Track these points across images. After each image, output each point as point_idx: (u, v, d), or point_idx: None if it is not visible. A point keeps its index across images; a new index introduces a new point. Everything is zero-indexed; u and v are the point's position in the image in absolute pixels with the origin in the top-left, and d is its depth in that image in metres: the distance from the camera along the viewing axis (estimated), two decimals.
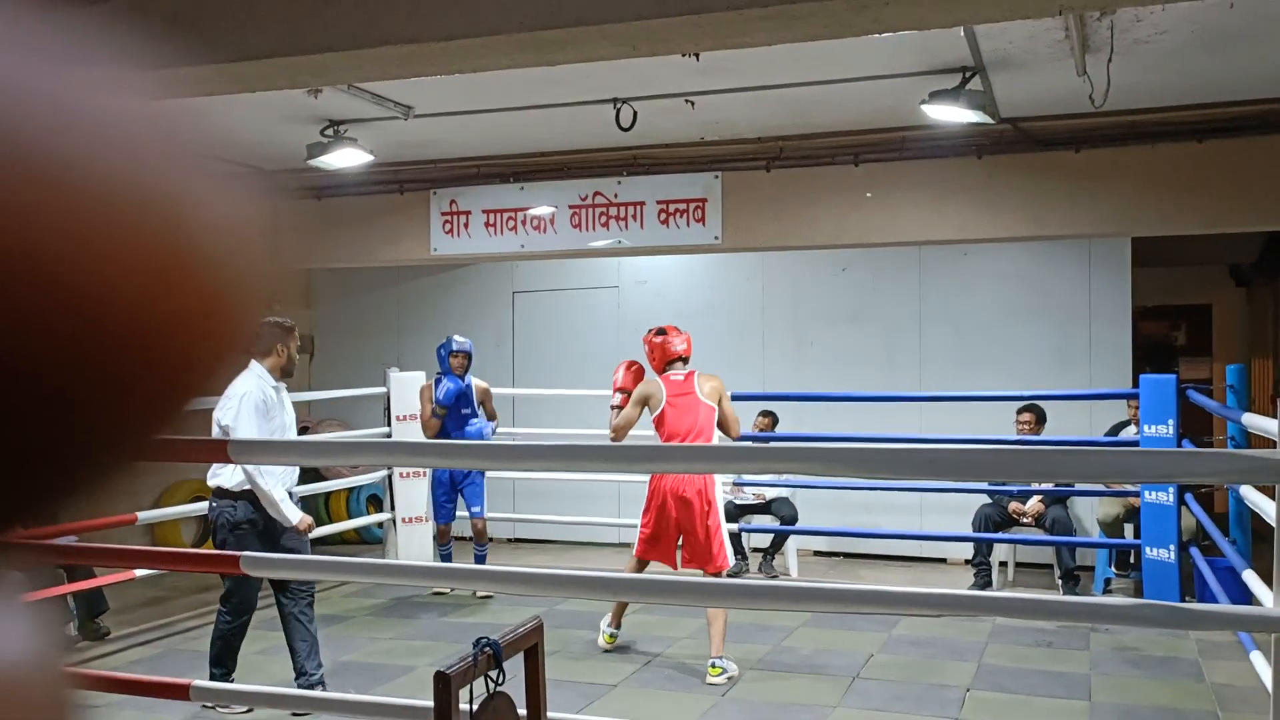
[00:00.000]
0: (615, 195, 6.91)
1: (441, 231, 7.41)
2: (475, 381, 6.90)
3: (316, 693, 4.06)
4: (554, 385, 8.43)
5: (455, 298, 9.25)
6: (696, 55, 4.50)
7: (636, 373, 5.54)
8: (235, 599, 4.69)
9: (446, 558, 7.01)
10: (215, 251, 0.30)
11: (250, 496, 4.51)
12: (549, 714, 2.71)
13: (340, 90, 5.25)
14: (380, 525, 8.08)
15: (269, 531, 4.53)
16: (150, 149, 0.29)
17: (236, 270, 0.30)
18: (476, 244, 7.35)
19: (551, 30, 2.83)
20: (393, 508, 7.81)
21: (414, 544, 7.78)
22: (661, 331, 5.46)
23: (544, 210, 7.08)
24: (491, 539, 7.61)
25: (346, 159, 6.27)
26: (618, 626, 5.77)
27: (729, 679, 5.10)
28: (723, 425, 5.30)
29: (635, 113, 5.64)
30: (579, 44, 2.90)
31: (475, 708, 2.34)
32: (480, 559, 7.00)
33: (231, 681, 4.63)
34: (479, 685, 2.42)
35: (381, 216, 7.43)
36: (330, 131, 6.12)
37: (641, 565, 5.52)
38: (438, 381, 6.83)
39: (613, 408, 5.48)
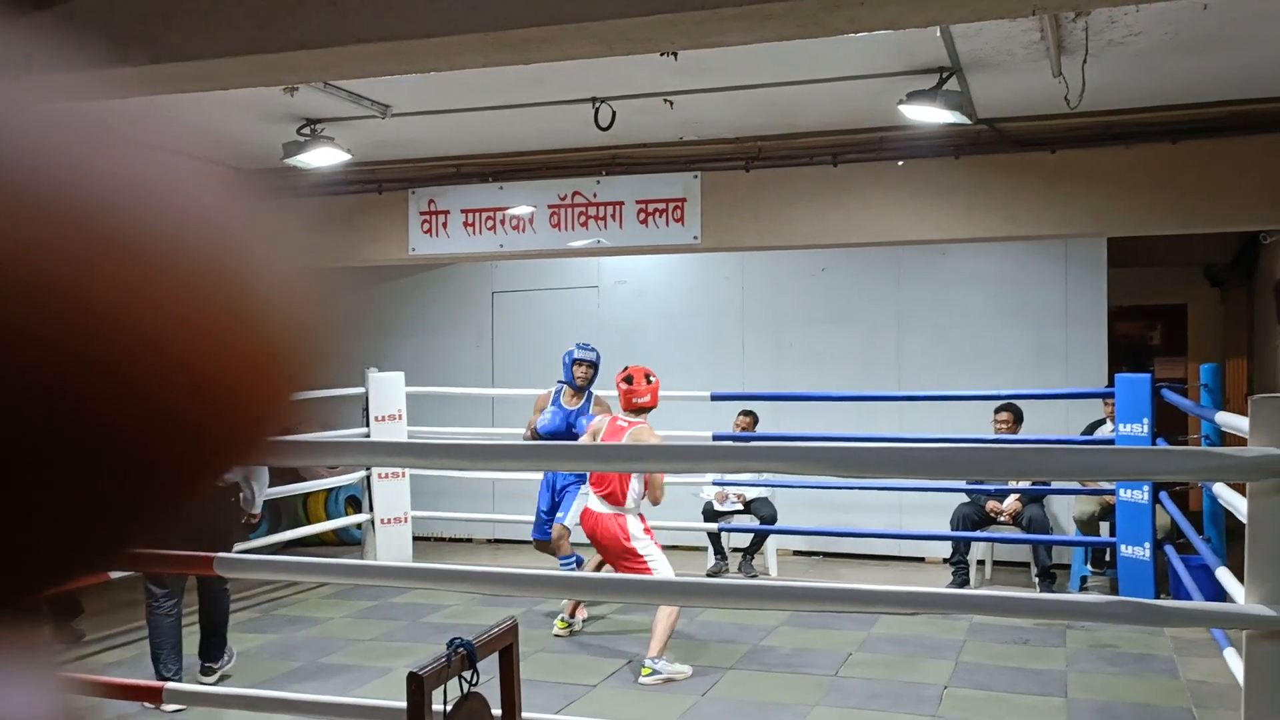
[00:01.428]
0: (594, 195, 6.91)
1: (420, 231, 7.38)
2: (597, 396, 6.36)
3: (290, 694, 4.03)
4: (533, 385, 8.41)
5: (434, 298, 9.23)
6: (674, 55, 4.50)
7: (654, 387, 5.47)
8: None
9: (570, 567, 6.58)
10: (274, 308, 0.31)
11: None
12: (525, 714, 2.70)
13: (316, 88, 5.22)
14: (359, 526, 8.05)
15: None
16: (211, 209, 0.30)
17: (293, 325, 0.32)
18: (455, 244, 7.32)
19: (527, 29, 2.82)
20: (371, 509, 7.78)
21: (393, 545, 7.75)
22: (628, 380, 5.42)
23: (523, 210, 7.06)
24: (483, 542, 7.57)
25: (323, 158, 6.24)
26: (573, 616, 5.97)
27: (663, 680, 5.09)
28: (646, 483, 5.29)
29: (614, 112, 5.63)
30: (555, 43, 2.90)
31: (449, 709, 2.34)
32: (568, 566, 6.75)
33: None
34: (455, 687, 2.41)
35: (359, 216, 7.39)
36: (307, 130, 6.08)
37: (603, 564, 5.68)
38: (557, 392, 6.48)
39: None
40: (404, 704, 2.29)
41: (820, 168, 6.25)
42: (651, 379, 5.42)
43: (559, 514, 6.51)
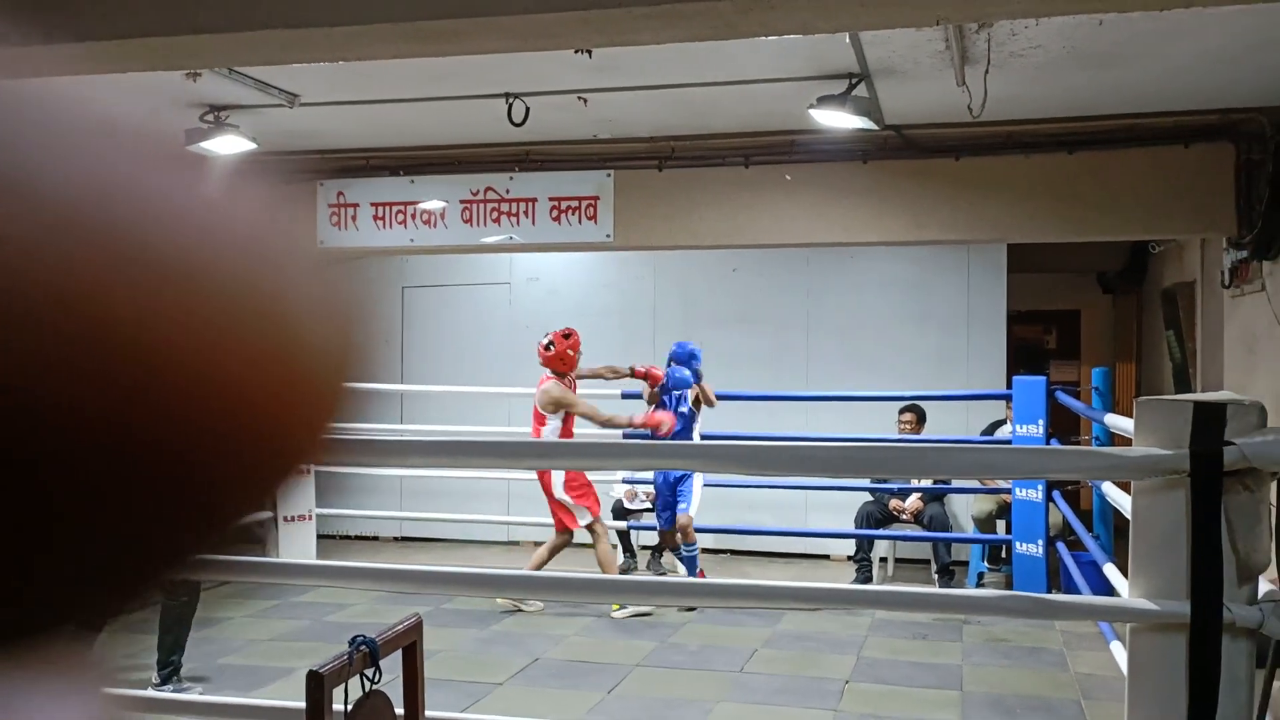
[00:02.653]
0: (507, 191, 6.86)
1: (329, 224, 7.25)
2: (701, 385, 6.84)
3: (184, 696, 3.93)
4: (443, 381, 8.34)
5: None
6: (589, 53, 4.50)
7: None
8: None
9: (692, 560, 6.66)
10: (315, 328, 0.32)
11: None
12: (429, 713, 2.67)
13: (220, 75, 5.09)
14: (260, 524, 7.88)
15: None
16: (252, 238, 0.31)
17: (333, 346, 0.32)
18: (365, 237, 7.21)
19: (438, 20, 2.79)
20: (274, 506, 7.61)
21: (296, 543, 7.60)
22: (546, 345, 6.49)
23: (434, 204, 6.98)
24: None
25: (227, 146, 6.08)
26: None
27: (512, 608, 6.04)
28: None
29: (528, 108, 5.61)
30: (467, 36, 2.87)
31: (350, 707, 2.30)
32: (690, 561, 6.67)
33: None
34: (358, 686, 2.37)
35: None
36: (210, 117, 5.93)
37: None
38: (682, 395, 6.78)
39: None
40: (303, 704, 2.25)
41: (732, 169, 6.31)
42: (553, 347, 6.42)
43: (680, 504, 6.68)
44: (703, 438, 7.40)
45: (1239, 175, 5.55)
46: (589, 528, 6.29)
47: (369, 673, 2.37)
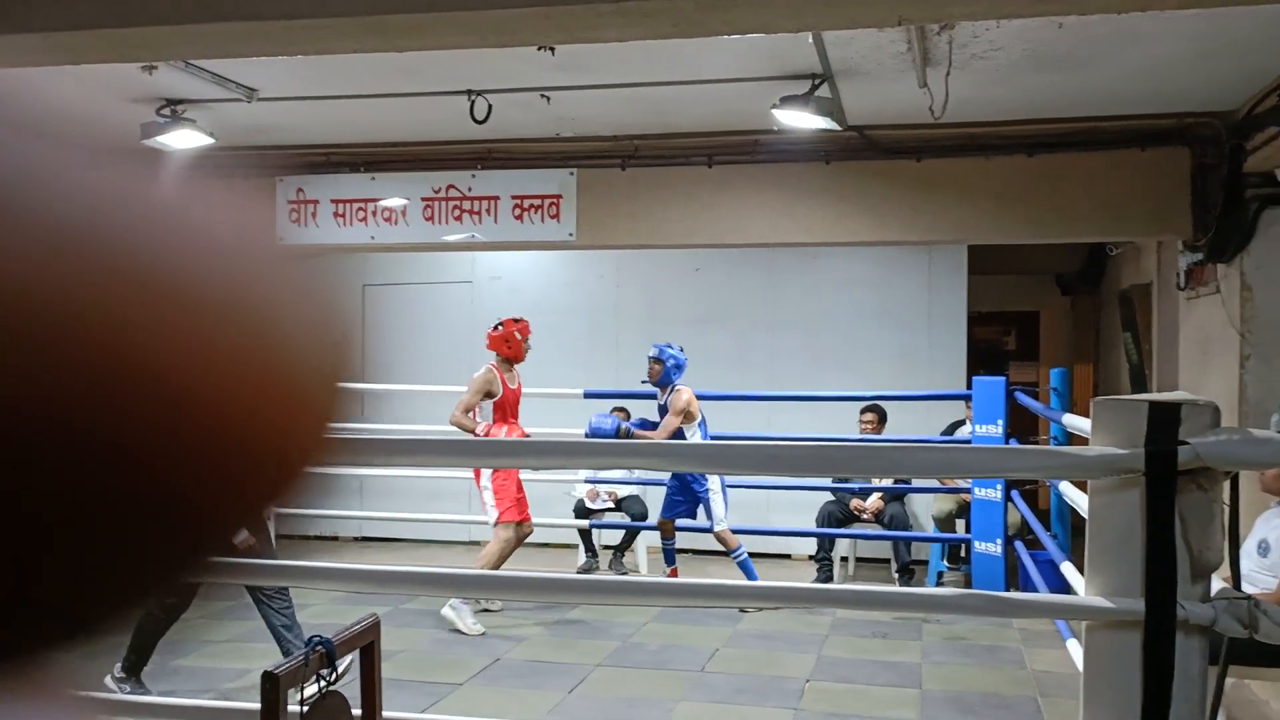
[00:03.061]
0: (469, 189, 6.82)
1: (288, 220, 7.17)
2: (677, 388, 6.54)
3: (137, 697, 3.87)
4: (405, 380, 8.27)
5: None
6: (552, 50, 4.48)
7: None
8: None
9: (745, 564, 6.49)
10: (304, 346, 0.31)
11: None
12: (386, 713, 2.65)
13: (177, 68, 5.01)
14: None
15: None
16: (239, 251, 0.31)
17: (322, 363, 0.32)
18: (325, 234, 7.13)
19: (399, 15, 2.76)
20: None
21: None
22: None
23: (396, 202, 6.93)
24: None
25: (184, 141, 5.99)
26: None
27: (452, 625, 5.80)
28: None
29: (490, 106, 5.57)
30: (426, 31, 2.85)
31: (306, 709, 2.27)
32: (744, 566, 6.51)
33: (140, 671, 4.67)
34: (315, 687, 2.34)
35: None
36: (167, 111, 5.84)
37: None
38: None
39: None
40: (258, 705, 2.22)
41: (695, 168, 6.32)
42: (500, 328, 6.29)
43: (711, 521, 6.57)
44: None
45: (1194, 179, 5.64)
46: (494, 525, 6.07)
47: (326, 673, 2.34)
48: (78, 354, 0.26)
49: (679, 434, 6.39)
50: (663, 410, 6.54)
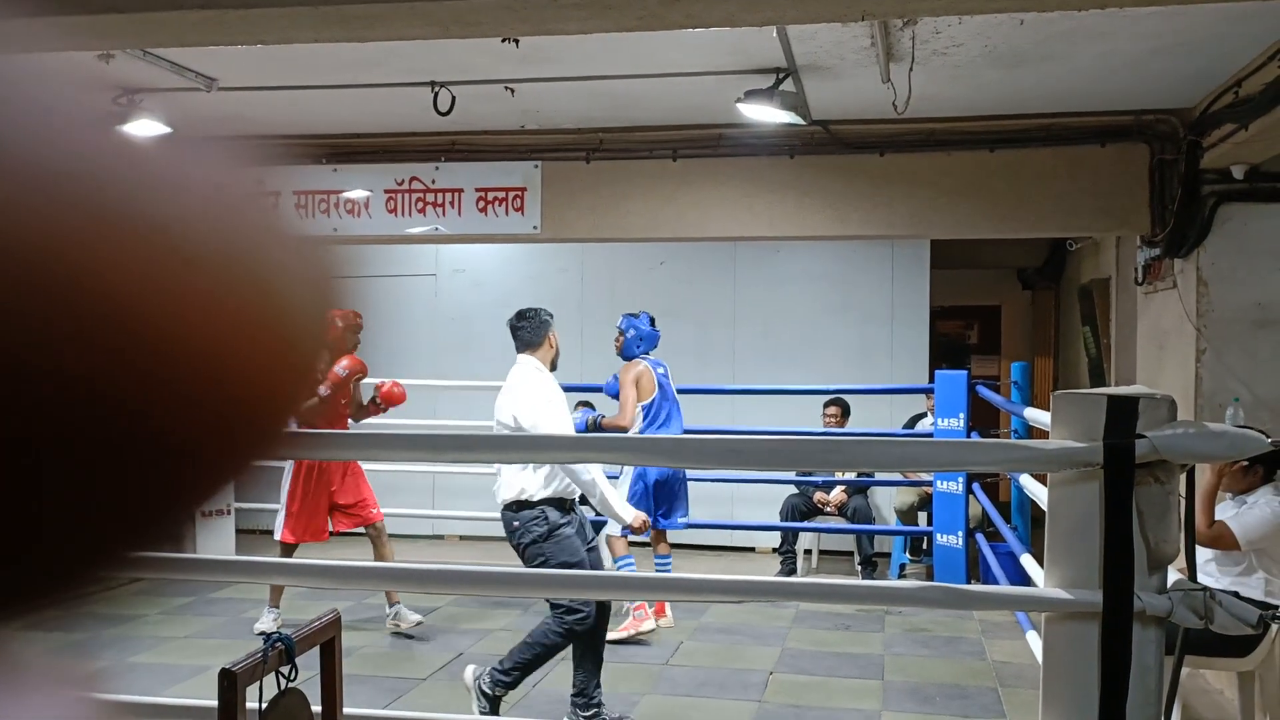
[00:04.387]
0: (433, 181, 6.77)
1: None
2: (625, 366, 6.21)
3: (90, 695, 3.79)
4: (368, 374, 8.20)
5: None
6: (516, 42, 4.45)
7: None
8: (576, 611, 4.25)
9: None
10: (291, 291, 0.31)
11: (556, 501, 4.23)
12: (347, 710, 2.62)
13: (134, 56, 4.93)
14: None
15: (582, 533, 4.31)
16: (228, 197, 0.31)
17: (310, 309, 0.32)
18: None
19: (359, 4, 2.73)
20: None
21: (213, 538, 7.43)
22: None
23: (358, 194, 6.86)
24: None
25: (141, 131, 5.89)
26: (276, 605, 5.77)
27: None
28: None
29: (454, 98, 5.53)
30: (387, 21, 2.81)
31: (264, 706, 2.25)
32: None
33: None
34: (274, 684, 2.32)
35: None
36: (124, 100, 5.74)
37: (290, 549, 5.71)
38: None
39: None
40: (215, 702, 2.19)
41: (660, 161, 6.31)
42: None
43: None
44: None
45: (1152, 175, 5.70)
46: (281, 543, 5.78)
47: (285, 670, 2.32)
48: (58, 294, 0.26)
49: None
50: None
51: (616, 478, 5.96)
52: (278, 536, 5.72)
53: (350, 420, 5.99)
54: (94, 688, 0.34)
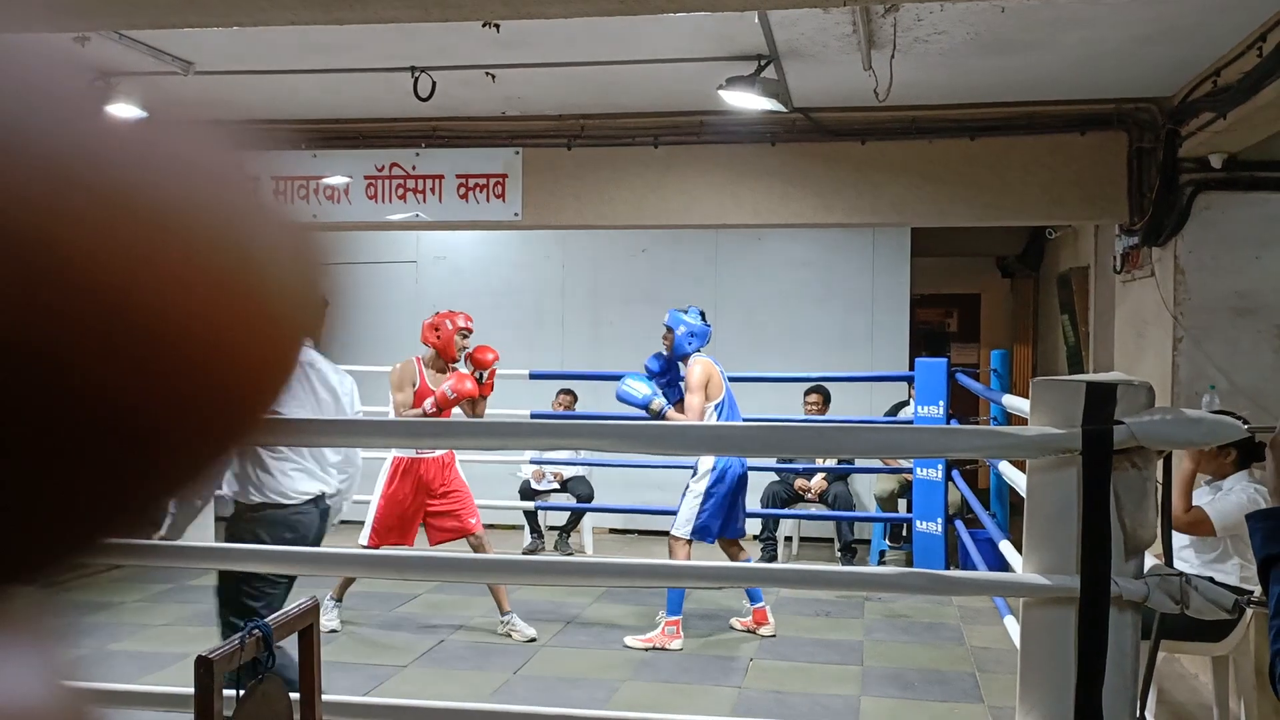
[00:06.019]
0: (413, 167, 6.73)
1: None
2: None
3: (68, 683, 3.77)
4: (348, 361, 8.15)
5: None
6: (496, 27, 4.42)
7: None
8: None
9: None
10: (274, 272, 0.31)
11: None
12: (326, 697, 2.61)
13: (110, 38, 4.88)
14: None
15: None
16: (213, 179, 0.30)
17: (293, 290, 0.31)
18: None
19: None
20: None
21: (194, 525, 7.37)
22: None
23: (338, 180, 6.82)
24: None
25: (117, 114, 5.83)
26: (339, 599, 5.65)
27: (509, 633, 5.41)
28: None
29: (434, 83, 5.49)
30: (368, 3, 2.79)
31: (242, 693, 2.24)
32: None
33: None
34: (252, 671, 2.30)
35: None
36: (99, 84, 5.67)
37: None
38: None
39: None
40: (191, 690, 2.18)
41: (642, 148, 6.29)
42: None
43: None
44: (611, 418, 7.40)
45: (1131, 164, 5.73)
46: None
47: (264, 657, 2.31)
48: (42, 275, 0.25)
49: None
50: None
51: (695, 469, 5.67)
52: (363, 541, 5.40)
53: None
54: (60, 647, 0.33)
